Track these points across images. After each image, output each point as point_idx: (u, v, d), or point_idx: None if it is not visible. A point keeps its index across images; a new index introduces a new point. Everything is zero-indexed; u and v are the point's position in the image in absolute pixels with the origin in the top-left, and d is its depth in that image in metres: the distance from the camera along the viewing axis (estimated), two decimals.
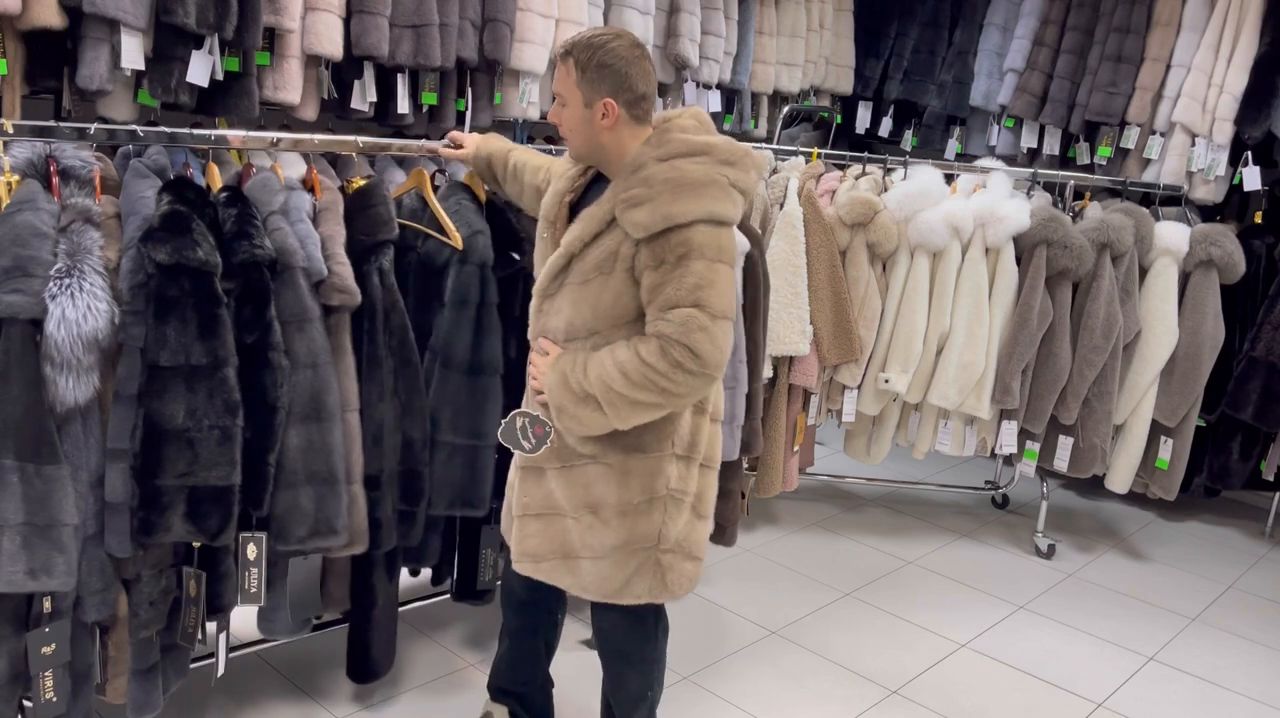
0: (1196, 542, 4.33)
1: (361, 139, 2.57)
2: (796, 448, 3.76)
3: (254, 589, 2.31)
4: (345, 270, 2.33)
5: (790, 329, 3.50)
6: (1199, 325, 3.76)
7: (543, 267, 2.14)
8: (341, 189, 2.57)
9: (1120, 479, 3.91)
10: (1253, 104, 4.08)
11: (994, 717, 2.93)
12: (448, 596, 2.94)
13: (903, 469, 4.78)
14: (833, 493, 4.54)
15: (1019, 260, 3.67)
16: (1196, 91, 4.22)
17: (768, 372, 3.58)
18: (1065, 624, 3.49)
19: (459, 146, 2.65)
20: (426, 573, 2.97)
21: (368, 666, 2.65)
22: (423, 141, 2.73)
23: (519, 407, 2.36)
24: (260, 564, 2.29)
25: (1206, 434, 4.12)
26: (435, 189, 2.66)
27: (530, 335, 2.16)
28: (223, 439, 2.12)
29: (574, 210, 2.15)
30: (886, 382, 3.66)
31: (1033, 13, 4.80)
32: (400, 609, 2.82)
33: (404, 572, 2.84)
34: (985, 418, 3.73)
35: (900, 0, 5.33)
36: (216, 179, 2.39)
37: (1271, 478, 4.12)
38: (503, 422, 2.18)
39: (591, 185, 2.15)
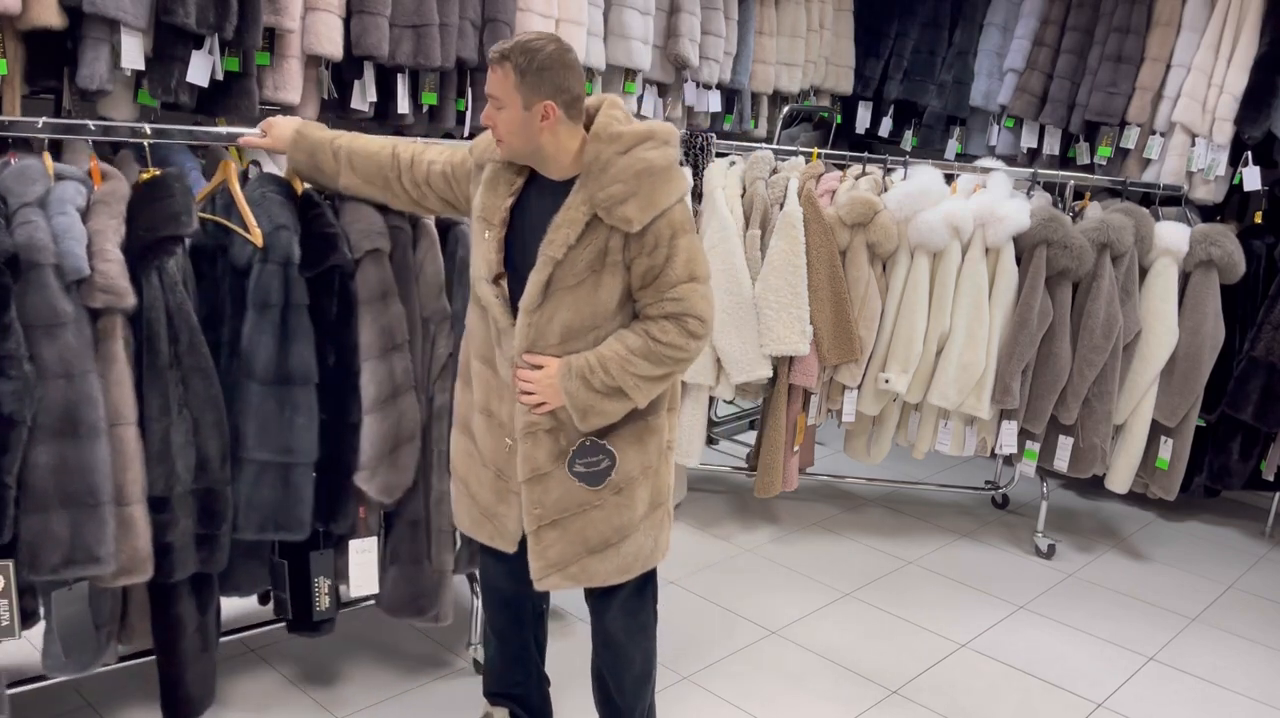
0: (1196, 542, 4.33)
1: (150, 125, 2.36)
2: (796, 448, 3.76)
3: (4, 623, 2.09)
4: (112, 269, 2.08)
5: (790, 329, 3.50)
6: (1199, 325, 3.76)
7: (483, 268, 2.14)
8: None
9: (1120, 479, 3.91)
10: (1253, 104, 4.08)
11: (994, 717, 2.93)
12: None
13: (903, 469, 4.78)
14: (833, 493, 4.54)
15: (1019, 260, 3.67)
16: (1196, 91, 4.22)
17: (768, 372, 3.58)
18: (1065, 624, 3.49)
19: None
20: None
21: (177, 705, 2.39)
22: (221, 128, 2.53)
23: (341, 418, 2.37)
24: (10, 595, 2.07)
25: (1206, 434, 4.12)
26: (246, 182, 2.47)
27: (516, 351, 2.12)
28: None
29: (511, 213, 2.16)
30: (886, 382, 3.66)
31: (1033, 13, 4.80)
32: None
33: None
34: (985, 418, 3.73)
35: (900, 0, 5.33)
36: None
37: (1271, 478, 4.12)
38: (578, 483, 2.14)
39: (528, 187, 2.16)
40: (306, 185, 2.48)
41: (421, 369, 2.53)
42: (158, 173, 2.29)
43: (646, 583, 2.33)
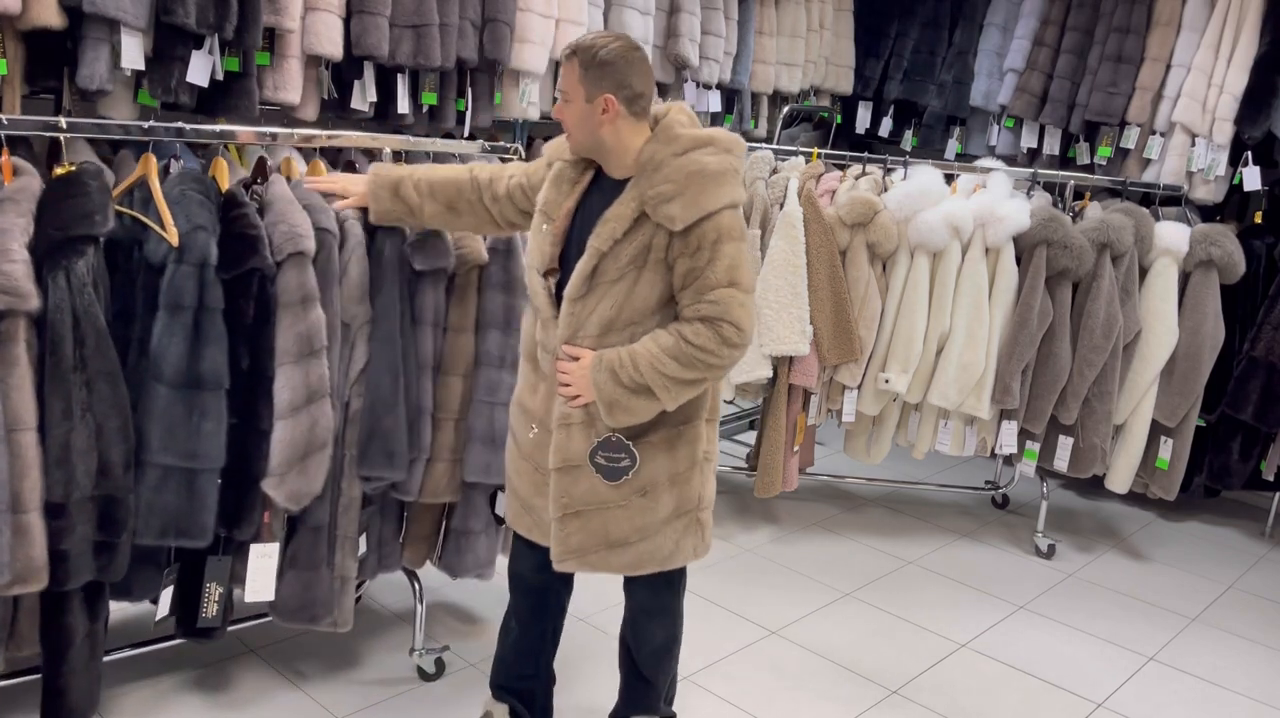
0: (1196, 542, 4.33)
1: (70, 121, 2.24)
2: (796, 448, 3.76)
3: None
4: (15, 269, 2.01)
5: (790, 329, 3.50)
6: (1199, 325, 3.76)
7: (537, 259, 2.22)
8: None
9: (1120, 479, 3.91)
10: (1253, 104, 4.08)
11: (994, 717, 2.93)
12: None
13: (903, 469, 4.78)
14: (833, 493, 4.54)
15: (1019, 260, 3.67)
16: (1196, 91, 4.22)
17: (768, 372, 3.58)
18: (1065, 624, 3.49)
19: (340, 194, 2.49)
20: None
21: (60, 714, 2.31)
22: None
23: (252, 424, 2.33)
24: None
25: (1206, 434, 4.12)
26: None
27: (560, 339, 2.18)
28: None
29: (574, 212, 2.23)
30: (886, 382, 3.66)
31: (1033, 13, 4.80)
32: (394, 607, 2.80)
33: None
34: (985, 418, 3.73)
35: (900, 0, 5.33)
36: None
37: (1271, 478, 4.12)
38: (595, 473, 2.19)
39: (591, 187, 2.23)
40: (231, 184, 2.42)
41: (339, 374, 2.47)
42: (73, 168, 2.20)
43: (677, 575, 2.41)
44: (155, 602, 2.51)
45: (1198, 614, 3.66)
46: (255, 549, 2.46)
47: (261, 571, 2.48)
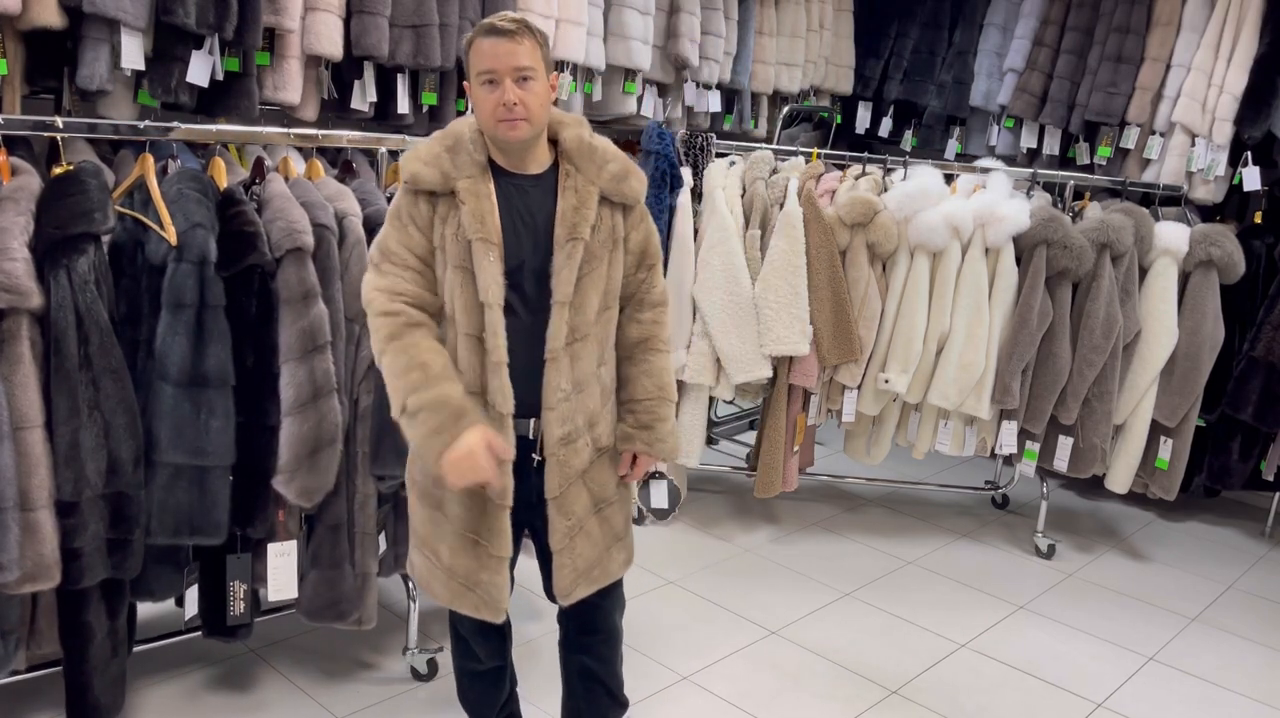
0: (1196, 542, 4.33)
1: (64, 120, 2.23)
2: (796, 448, 3.76)
3: None
4: (16, 268, 2.02)
5: (790, 329, 3.50)
6: (1199, 325, 3.76)
7: (494, 293, 1.94)
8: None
9: (1120, 479, 3.91)
10: (1253, 104, 4.08)
11: (994, 717, 2.93)
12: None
13: (903, 469, 4.78)
14: (833, 493, 4.54)
15: (1019, 260, 3.67)
16: (1196, 91, 4.23)
17: (768, 372, 3.58)
18: (1065, 624, 3.49)
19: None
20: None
21: (85, 713, 2.34)
22: None
23: (260, 421, 2.32)
24: None
25: (1206, 434, 4.12)
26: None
27: (551, 348, 1.99)
28: None
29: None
30: (886, 382, 3.66)
31: (1033, 13, 4.80)
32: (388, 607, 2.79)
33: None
34: (985, 418, 3.73)
35: (900, 0, 5.33)
36: None
37: (1271, 478, 4.12)
38: (651, 516, 2.22)
39: (497, 193, 1.99)
40: (230, 182, 2.44)
41: (345, 371, 2.47)
42: (70, 167, 2.20)
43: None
44: (181, 603, 2.53)
45: (1198, 614, 3.66)
46: (273, 549, 2.47)
47: (282, 569, 2.49)
